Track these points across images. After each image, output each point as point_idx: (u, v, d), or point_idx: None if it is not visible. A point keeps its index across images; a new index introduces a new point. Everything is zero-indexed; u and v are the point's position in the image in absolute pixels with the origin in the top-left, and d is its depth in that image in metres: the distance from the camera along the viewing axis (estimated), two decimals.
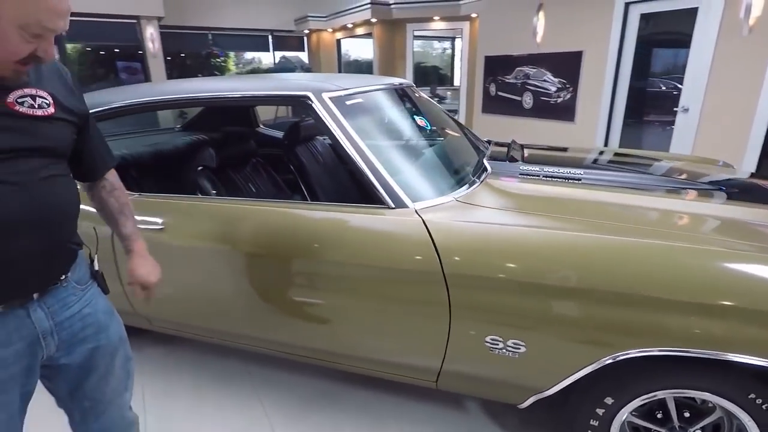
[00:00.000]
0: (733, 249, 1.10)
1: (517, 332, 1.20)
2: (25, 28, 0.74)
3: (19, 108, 0.84)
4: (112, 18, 6.64)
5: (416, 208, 1.32)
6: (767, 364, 1.03)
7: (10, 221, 0.82)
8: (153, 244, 1.55)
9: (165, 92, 1.71)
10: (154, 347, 2.14)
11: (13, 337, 0.88)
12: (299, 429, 1.66)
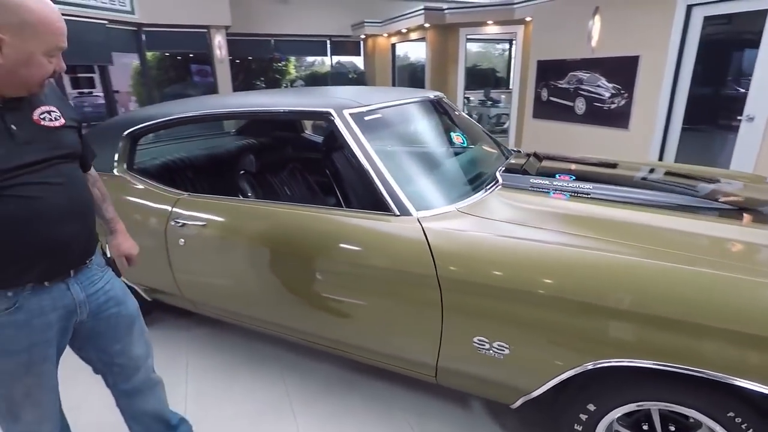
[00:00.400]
0: (711, 267, 1.13)
1: (501, 335, 1.30)
2: (48, 53, 1.00)
3: (43, 122, 1.08)
4: (186, 28, 7.28)
5: (419, 217, 1.45)
6: (747, 386, 1.05)
7: (63, 212, 1.08)
8: (196, 239, 1.80)
9: (207, 107, 1.97)
10: (199, 328, 2.42)
11: (57, 304, 1.12)
12: (315, 409, 1.84)
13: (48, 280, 1.10)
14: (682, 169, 2.24)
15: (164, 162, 2.42)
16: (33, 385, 1.14)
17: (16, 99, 1.04)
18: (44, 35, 0.97)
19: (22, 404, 1.13)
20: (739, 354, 1.06)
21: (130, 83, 10.41)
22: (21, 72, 0.98)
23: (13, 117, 1.03)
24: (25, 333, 1.08)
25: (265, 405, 1.88)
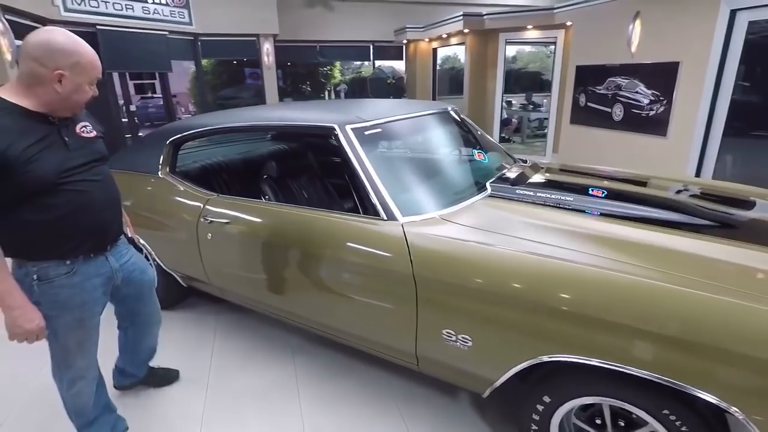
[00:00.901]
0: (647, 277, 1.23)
1: (465, 328, 1.46)
2: (91, 83, 1.37)
3: (82, 134, 1.44)
4: (238, 36, 7.81)
5: (403, 222, 1.64)
6: (686, 390, 1.16)
7: (102, 202, 1.46)
8: (221, 234, 2.09)
9: (232, 120, 2.27)
10: (227, 314, 2.73)
11: (100, 271, 1.51)
12: (317, 389, 2.07)
13: (94, 252, 1.48)
14: (688, 182, 2.27)
15: (203, 165, 2.75)
16: (83, 337, 1.49)
17: (65, 118, 1.40)
18: (89, 71, 1.34)
19: (74, 353, 1.48)
20: (675, 358, 1.16)
21: (188, 87, 11.25)
22: (73, 97, 1.34)
23: (65, 131, 1.39)
24: (78, 293, 1.44)
25: (275, 379, 2.13)
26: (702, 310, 1.14)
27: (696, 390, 1.14)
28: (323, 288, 1.85)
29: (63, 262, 1.40)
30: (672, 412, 1.23)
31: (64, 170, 1.34)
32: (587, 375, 1.35)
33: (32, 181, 1.27)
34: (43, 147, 1.30)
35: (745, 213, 1.85)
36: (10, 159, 1.22)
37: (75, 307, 1.44)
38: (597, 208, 1.73)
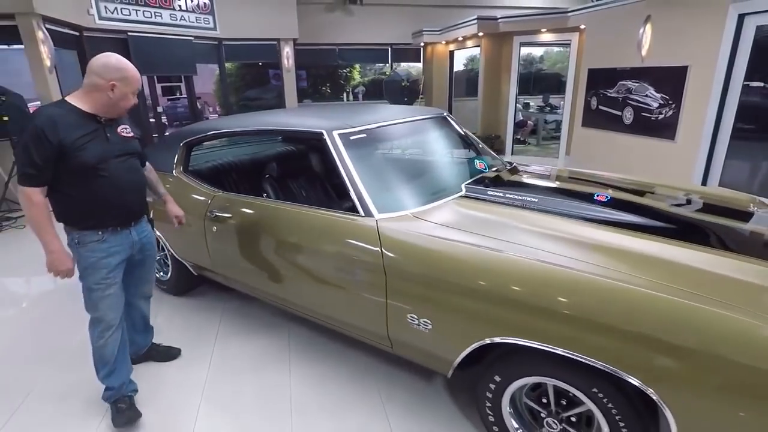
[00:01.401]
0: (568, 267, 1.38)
1: (425, 313, 1.64)
2: (134, 92, 1.76)
3: (122, 134, 1.85)
4: (259, 41, 8.14)
5: (378, 218, 1.83)
6: (598, 365, 1.31)
7: (130, 186, 1.85)
8: (223, 227, 2.32)
9: (236, 125, 2.52)
10: (233, 301, 2.97)
11: (123, 242, 1.88)
12: (307, 369, 2.27)
13: (120, 226, 1.86)
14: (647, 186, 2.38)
15: (214, 165, 3.00)
16: (110, 293, 1.86)
17: (110, 120, 1.79)
18: (133, 83, 1.75)
19: (100, 300, 1.86)
20: (601, 342, 1.30)
21: (214, 88, 11.71)
22: (120, 104, 1.74)
23: (109, 129, 1.79)
24: (105, 257, 1.82)
25: (269, 362, 2.35)
26: (619, 299, 1.29)
27: (617, 371, 1.28)
28: (309, 276, 2.06)
29: (96, 232, 1.79)
30: (600, 391, 1.38)
31: (102, 159, 1.73)
32: (531, 357, 1.50)
33: (78, 164, 1.67)
34: (90, 139, 1.70)
35: (698, 215, 1.96)
36: (65, 145, 1.63)
37: (103, 268, 1.82)
38: (557, 208, 1.88)
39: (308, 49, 9.47)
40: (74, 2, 5.66)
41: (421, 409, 2.00)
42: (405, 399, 2.06)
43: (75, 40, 5.89)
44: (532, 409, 1.64)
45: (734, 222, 1.87)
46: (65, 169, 1.66)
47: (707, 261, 1.47)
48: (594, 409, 1.43)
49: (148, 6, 6.61)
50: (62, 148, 1.62)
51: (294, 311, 2.34)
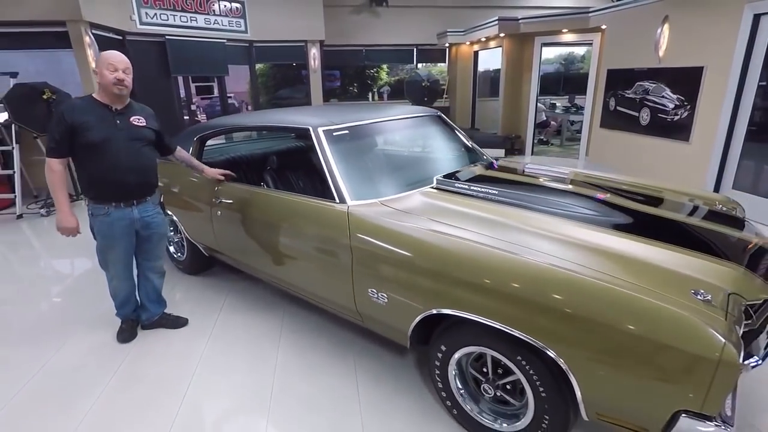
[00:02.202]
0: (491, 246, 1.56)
1: (383, 288, 1.86)
2: (108, 67, 2.10)
3: (134, 123, 2.24)
4: (287, 42, 8.53)
5: (350, 204, 2.06)
6: (519, 335, 1.49)
7: (130, 168, 2.22)
8: (225, 212, 2.62)
9: (240, 122, 2.83)
10: (240, 282, 3.28)
11: (125, 217, 2.27)
12: (294, 341, 2.53)
13: (122, 202, 2.26)
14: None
15: (226, 158, 3.32)
16: (113, 256, 2.36)
17: (123, 110, 2.22)
18: (101, 60, 2.11)
19: (110, 262, 2.38)
20: (521, 314, 1.47)
21: (247, 87, 12.27)
22: (103, 83, 2.12)
23: (120, 118, 2.22)
24: (109, 228, 2.26)
25: (262, 333, 2.62)
26: (531, 274, 1.46)
27: (532, 340, 1.46)
28: (295, 256, 2.32)
29: (102, 206, 2.23)
30: (524, 359, 1.55)
31: (106, 139, 2.14)
32: (469, 329, 1.68)
33: (85, 141, 2.11)
34: (97, 122, 2.14)
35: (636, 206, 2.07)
36: (76, 125, 2.09)
37: (107, 236, 2.29)
38: (511, 199, 2.05)
39: (336, 50, 9.79)
40: (118, 9, 6.20)
41: (387, 377, 2.22)
42: (375, 369, 2.29)
43: (119, 44, 6.43)
44: (475, 377, 1.83)
45: (675, 214, 1.98)
46: (79, 146, 2.12)
47: (630, 248, 1.62)
48: (521, 378, 1.60)
49: (184, 11, 7.11)
50: (74, 127, 2.08)
51: (285, 289, 2.61)
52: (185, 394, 2.14)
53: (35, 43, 5.34)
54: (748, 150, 4.53)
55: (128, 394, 2.15)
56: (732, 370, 1.16)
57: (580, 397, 1.43)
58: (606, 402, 1.40)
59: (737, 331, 1.28)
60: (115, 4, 6.11)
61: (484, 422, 1.77)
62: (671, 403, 1.26)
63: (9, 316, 2.97)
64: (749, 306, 1.47)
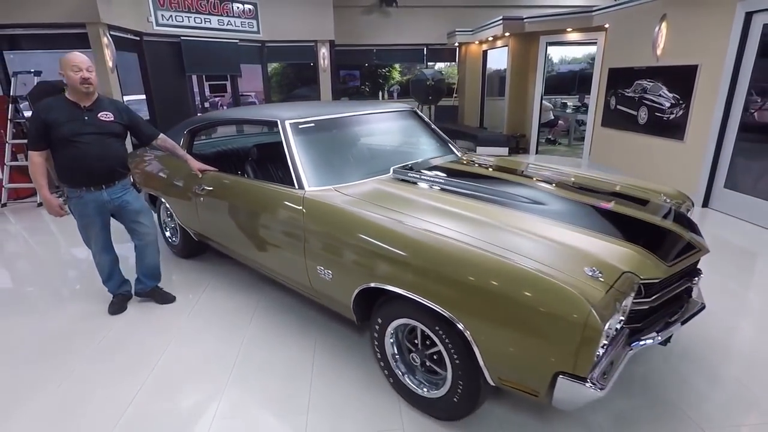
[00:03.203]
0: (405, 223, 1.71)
1: (328, 265, 2.04)
2: (72, 69, 2.35)
3: (102, 118, 2.50)
4: (298, 42, 8.80)
5: (307, 190, 2.25)
6: (435, 307, 1.64)
7: (97, 157, 2.49)
8: (206, 198, 2.85)
9: (222, 116, 3.05)
10: (227, 266, 3.52)
11: (96, 199, 2.56)
12: (264, 317, 2.74)
13: (93, 186, 2.53)
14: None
15: (216, 150, 3.57)
16: (91, 234, 2.67)
17: (90, 107, 2.45)
18: (63, 64, 2.35)
19: (91, 238, 2.68)
20: (435, 287, 1.63)
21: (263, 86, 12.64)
22: (71, 84, 2.37)
23: (88, 114, 2.46)
24: (83, 209, 2.56)
25: (237, 310, 2.85)
26: (440, 250, 1.62)
27: (443, 311, 1.61)
28: (262, 238, 2.52)
29: (75, 190, 2.52)
30: (441, 329, 1.71)
31: (75, 134, 2.41)
32: (398, 302, 1.85)
33: (56, 135, 2.38)
34: (68, 120, 2.39)
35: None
36: (48, 122, 2.36)
37: (83, 215, 2.59)
38: (456, 187, 2.20)
39: (347, 49, 10.02)
40: (135, 12, 6.58)
41: (342, 351, 2.40)
42: (334, 344, 2.47)
43: (136, 44, 6.81)
44: (409, 348, 1.99)
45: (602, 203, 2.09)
46: (53, 139, 2.40)
47: (545, 231, 1.75)
48: (441, 348, 1.76)
49: (199, 13, 7.45)
50: (47, 123, 2.36)
51: (258, 270, 2.83)
52: (157, 362, 2.37)
53: (57, 43, 5.74)
54: (741, 149, 4.51)
55: (107, 361, 2.40)
56: (596, 334, 1.29)
57: (482, 364, 1.58)
58: (502, 367, 1.55)
59: (619, 304, 1.41)
60: (132, 7, 6.49)
61: (413, 388, 1.93)
62: (551, 366, 1.40)
63: (29, 290, 3.29)
64: (645, 284, 1.59)
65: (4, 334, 2.67)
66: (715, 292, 2.92)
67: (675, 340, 2.41)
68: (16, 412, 2.02)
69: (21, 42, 5.88)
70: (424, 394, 1.90)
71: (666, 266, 1.63)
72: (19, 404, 2.07)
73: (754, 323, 2.64)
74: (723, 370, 2.20)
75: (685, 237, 1.84)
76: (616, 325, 1.48)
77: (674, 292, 1.76)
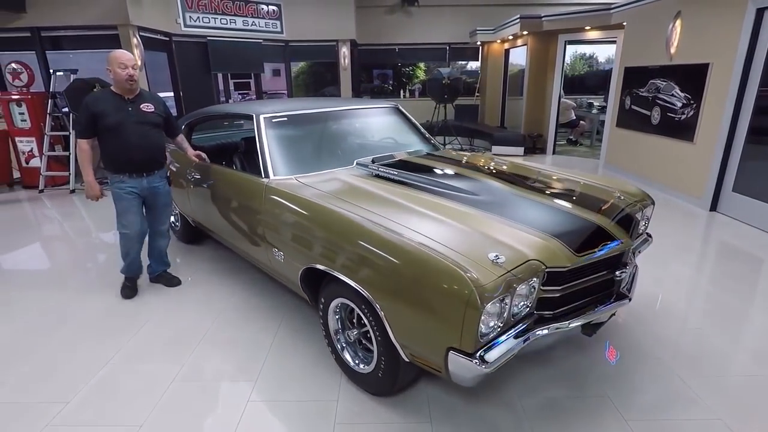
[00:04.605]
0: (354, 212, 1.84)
1: (280, 247, 2.22)
2: (120, 66, 2.61)
3: (143, 109, 2.74)
4: (320, 42, 9.07)
5: (271, 179, 2.43)
6: (357, 287, 1.79)
7: (139, 146, 2.72)
8: (195, 186, 3.10)
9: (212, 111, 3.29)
10: (222, 250, 3.78)
11: (136, 185, 2.79)
12: (243, 295, 2.95)
13: (135, 173, 2.75)
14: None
15: (214, 143, 3.83)
16: (129, 217, 2.81)
17: (133, 99, 2.69)
18: (111, 61, 2.59)
19: (121, 219, 2.82)
20: (356, 267, 1.77)
21: (294, 84, 13.05)
22: (117, 79, 2.61)
23: (131, 105, 2.69)
24: (123, 192, 2.75)
25: (218, 293, 3.08)
26: (363, 234, 1.76)
27: (363, 291, 1.75)
28: (235, 222, 2.73)
29: (118, 176, 2.74)
30: (366, 308, 1.84)
31: (120, 123, 2.64)
32: (336, 283, 2.00)
33: (103, 124, 2.62)
34: (114, 110, 2.63)
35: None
36: (96, 112, 2.60)
37: (121, 199, 2.78)
38: (404, 179, 2.32)
39: (370, 48, 10.22)
40: (164, 14, 7.02)
41: (304, 330, 2.57)
42: (297, 323, 2.65)
43: (165, 44, 7.27)
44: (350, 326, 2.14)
45: (537, 196, 2.15)
46: (100, 128, 2.64)
47: (470, 220, 1.85)
48: (368, 326, 1.89)
49: (224, 14, 7.85)
50: (95, 114, 2.61)
51: (235, 251, 3.05)
52: (140, 328, 2.64)
53: (92, 44, 6.24)
54: (749, 152, 4.34)
55: (101, 327, 2.69)
56: (476, 312, 1.40)
57: (394, 340, 1.71)
58: (410, 344, 1.67)
59: (515, 287, 1.50)
60: (161, 10, 6.94)
61: (349, 363, 2.08)
62: (443, 341, 1.51)
63: (63, 277, 3.68)
64: (554, 272, 1.66)
65: (43, 305, 3.02)
66: (695, 294, 2.89)
67: (640, 340, 2.45)
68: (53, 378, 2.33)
69: (60, 42, 6.44)
70: (358, 369, 2.04)
71: (575, 256, 1.70)
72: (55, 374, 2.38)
73: (722, 328, 2.61)
74: (669, 369, 2.21)
75: (609, 231, 1.88)
76: (517, 308, 1.58)
77: (591, 282, 1.81)
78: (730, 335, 2.50)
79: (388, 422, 1.88)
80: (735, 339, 2.47)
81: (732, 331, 2.54)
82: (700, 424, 1.86)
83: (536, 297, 1.66)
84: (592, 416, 1.91)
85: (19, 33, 6.26)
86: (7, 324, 2.73)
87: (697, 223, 4.47)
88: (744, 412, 1.92)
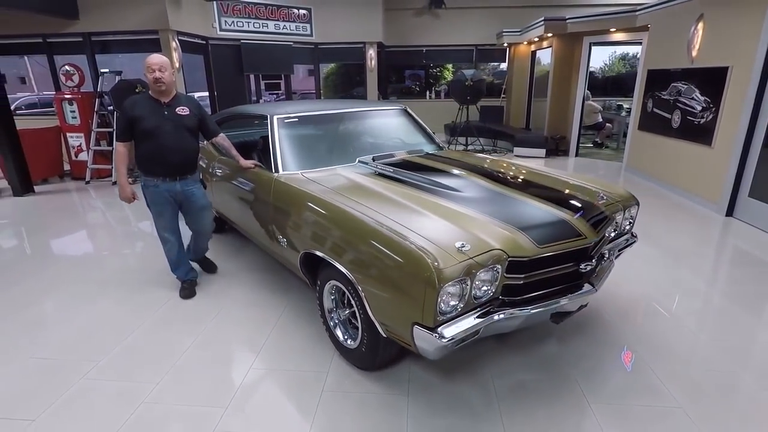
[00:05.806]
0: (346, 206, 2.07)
1: (284, 233, 2.48)
2: (148, 70, 2.64)
3: (179, 113, 2.75)
4: (348, 44, 9.36)
5: (280, 173, 2.70)
6: (345, 272, 2.02)
7: (174, 149, 2.75)
8: (217, 179, 3.42)
9: (230, 113, 3.59)
10: (241, 240, 4.10)
11: (170, 189, 2.81)
12: (256, 279, 3.23)
13: (168, 177, 2.78)
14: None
15: (237, 141, 4.15)
16: (165, 220, 2.89)
17: (169, 102, 2.73)
18: (146, 66, 2.63)
19: (159, 228, 2.92)
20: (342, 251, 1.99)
21: (323, 85, 13.45)
22: (152, 84, 2.65)
23: (167, 109, 2.72)
24: (157, 197, 2.80)
25: (235, 278, 3.39)
26: (349, 223, 1.99)
27: (347, 273, 1.98)
28: (251, 213, 3.01)
29: (152, 180, 2.77)
30: (351, 288, 2.07)
31: (156, 126, 2.67)
32: (329, 266, 2.23)
33: (139, 128, 2.67)
34: (150, 114, 2.67)
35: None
36: (133, 117, 2.65)
37: (156, 203, 2.83)
38: (400, 176, 2.53)
39: (398, 50, 10.44)
40: (202, 19, 7.49)
41: (308, 312, 2.82)
42: (302, 305, 2.91)
43: (202, 47, 7.75)
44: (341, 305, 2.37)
45: (517, 194, 2.31)
46: (137, 132, 2.68)
47: (449, 213, 2.04)
48: (354, 305, 2.12)
49: (257, 18, 8.26)
50: (133, 118, 2.65)
51: (249, 238, 3.34)
52: (163, 305, 2.97)
53: (135, 47, 6.77)
54: (766, 158, 4.27)
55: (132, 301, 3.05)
56: (433, 290, 1.59)
57: (372, 318, 1.93)
58: (385, 320, 1.88)
59: (475, 272, 1.69)
60: (199, 15, 7.41)
61: (339, 339, 2.31)
62: (408, 317, 1.72)
63: (104, 260, 4.12)
64: (517, 261, 1.83)
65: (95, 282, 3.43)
66: (691, 295, 2.96)
67: (622, 335, 2.56)
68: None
69: (108, 46, 7.00)
70: (346, 344, 2.27)
71: (537, 248, 1.86)
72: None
73: (708, 328, 2.68)
74: (644, 362, 2.32)
75: (575, 226, 2.03)
76: (480, 292, 1.76)
77: (556, 273, 1.97)
78: (710, 333, 2.57)
79: (370, 392, 2.10)
80: (715, 337, 2.54)
81: (715, 330, 2.61)
82: (659, 410, 1.98)
83: (500, 283, 1.84)
84: (557, 399, 2.06)
85: (73, 38, 6.86)
86: (52, 293, 3.13)
87: (711, 227, 4.44)
88: (706, 403, 2.02)
